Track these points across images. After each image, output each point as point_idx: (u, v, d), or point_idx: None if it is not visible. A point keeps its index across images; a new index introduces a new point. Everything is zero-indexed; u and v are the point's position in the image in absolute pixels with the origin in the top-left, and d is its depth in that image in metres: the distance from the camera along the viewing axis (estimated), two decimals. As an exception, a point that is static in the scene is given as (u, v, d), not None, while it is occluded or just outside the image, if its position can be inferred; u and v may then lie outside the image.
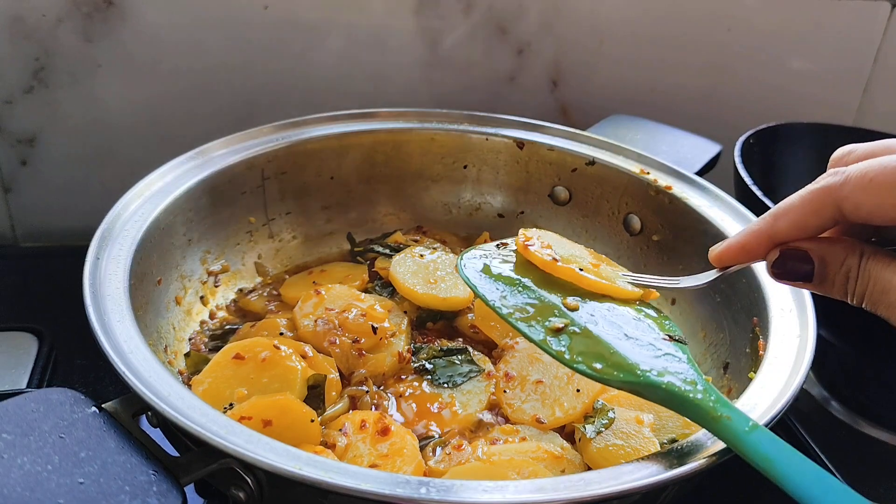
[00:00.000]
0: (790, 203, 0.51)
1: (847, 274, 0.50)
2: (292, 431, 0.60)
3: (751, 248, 0.54)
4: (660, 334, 0.58)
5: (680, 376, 0.53)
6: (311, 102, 1.04)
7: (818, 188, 0.49)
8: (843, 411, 0.86)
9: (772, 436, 0.48)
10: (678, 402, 0.52)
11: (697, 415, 0.51)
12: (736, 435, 0.48)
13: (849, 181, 0.48)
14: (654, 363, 0.54)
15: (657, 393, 0.52)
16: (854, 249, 0.50)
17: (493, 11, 1.06)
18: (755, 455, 0.47)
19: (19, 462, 0.45)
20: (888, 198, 0.46)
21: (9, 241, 1.06)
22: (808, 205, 0.50)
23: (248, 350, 0.66)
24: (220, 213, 0.82)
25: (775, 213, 0.52)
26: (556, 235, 0.70)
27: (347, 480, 0.46)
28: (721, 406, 0.50)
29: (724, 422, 0.49)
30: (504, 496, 0.47)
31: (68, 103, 0.99)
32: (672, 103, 1.15)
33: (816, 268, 0.51)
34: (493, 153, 0.94)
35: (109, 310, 0.59)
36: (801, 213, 0.51)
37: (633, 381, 0.53)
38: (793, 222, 0.51)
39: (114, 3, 0.95)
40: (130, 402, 0.52)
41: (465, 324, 0.80)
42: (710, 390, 0.51)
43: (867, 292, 0.50)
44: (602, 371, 0.54)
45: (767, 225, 0.53)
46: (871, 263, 0.49)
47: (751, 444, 0.48)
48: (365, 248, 0.90)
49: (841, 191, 0.48)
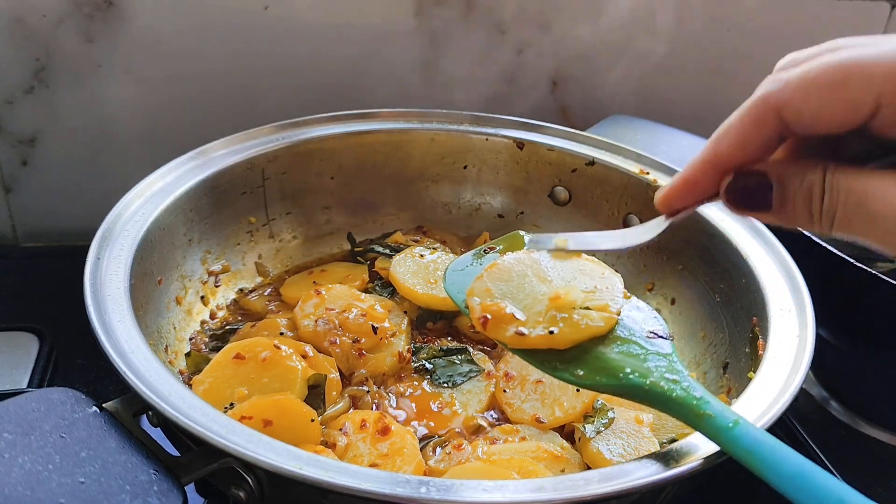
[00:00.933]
0: (729, 121, 0.46)
1: (810, 190, 0.44)
2: (293, 431, 0.60)
3: (695, 179, 0.49)
4: (643, 332, 0.56)
5: (663, 375, 0.52)
6: (312, 103, 1.04)
7: (755, 98, 0.44)
8: (843, 411, 0.86)
9: (756, 431, 0.47)
10: (662, 402, 0.51)
11: (681, 413, 0.50)
12: (719, 431, 0.48)
13: (788, 85, 0.43)
14: (637, 364, 0.53)
15: (640, 394, 0.52)
16: (815, 165, 0.44)
17: (493, 11, 1.06)
18: (737, 450, 0.46)
19: (20, 461, 0.45)
20: (830, 97, 0.41)
21: (9, 241, 1.06)
22: (747, 118, 0.45)
23: (249, 350, 0.66)
24: (221, 213, 0.82)
25: (715, 137, 0.47)
26: (520, 259, 0.62)
27: (348, 480, 0.46)
28: (703, 404, 0.49)
29: (706, 419, 0.48)
30: (504, 495, 0.47)
31: (69, 104, 1.00)
32: (672, 103, 1.16)
33: (774, 189, 0.45)
34: (493, 153, 0.94)
35: (110, 310, 0.59)
36: (740, 129, 0.45)
37: (615, 384, 0.52)
38: (734, 140, 0.46)
39: (114, 3, 0.95)
40: (131, 401, 0.52)
41: (465, 324, 0.80)
42: (694, 387, 0.51)
43: (837, 209, 0.43)
44: (584, 377, 0.53)
45: (708, 150, 0.47)
46: (838, 176, 0.43)
47: (733, 439, 0.47)
48: (365, 248, 0.90)
49: (780, 96, 0.43)
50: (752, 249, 0.74)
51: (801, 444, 0.80)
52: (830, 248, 0.72)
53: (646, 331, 0.56)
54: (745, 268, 0.73)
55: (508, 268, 0.61)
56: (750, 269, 0.72)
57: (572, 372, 0.54)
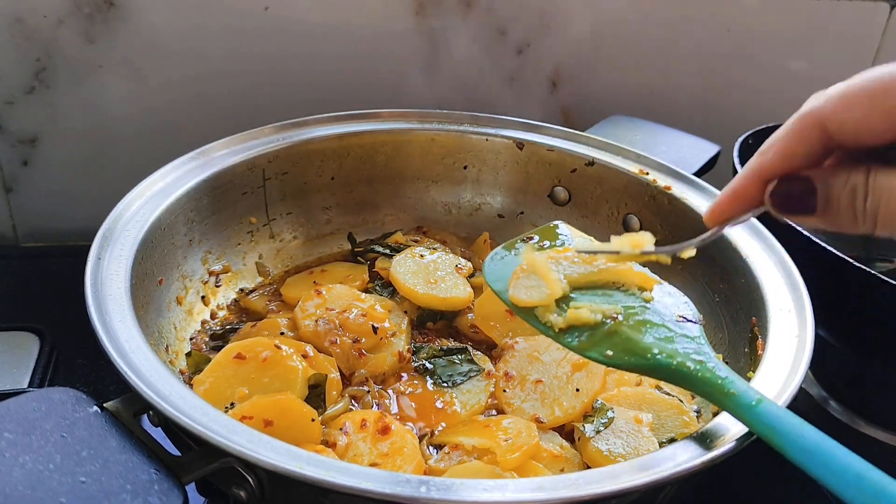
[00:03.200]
0: (775, 136, 0.49)
1: (853, 191, 0.46)
2: (293, 431, 0.60)
3: (742, 190, 0.51)
4: (673, 316, 0.59)
5: (690, 356, 0.54)
6: (312, 103, 1.04)
7: (801, 113, 0.47)
8: (842, 411, 0.86)
9: (777, 409, 0.49)
10: (688, 381, 0.53)
11: (707, 391, 0.52)
12: (743, 409, 0.50)
13: (830, 98, 0.46)
14: (665, 345, 0.55)
15: (668, 373, 0.54)
16: (858, 168, 0.46)
17: (492, 12, 1.06)
18: (760, 426, 0.49)
19: (21, 461, 0.46)
20: (871, 107, 0.44)
21: (10, 241, 1.07)
22: (792, 132, 0.47)
23: (250, 350, 0.67)
24: (222, 214, 0.82)
25: (761, 150, 0.49)
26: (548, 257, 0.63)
27: (348, 479, 0.46)
28: (728, 383, 0.51)
29: (731, 398, 0.51)
30: (504, 495, 0.47)
31: (69, 104, 1.00)
32: (671, 104, 1.16)
33: (819, 192, 0.47)
34: (493, 154, 0.94)
35: (111, 309, 0.59)
36: (786, 142, 0.48)
37: (643, 363, 0.54)
38: (779, 152, 0.48)
39: (115, 3, 0.95)
40: (132, 401, 0.53)
41: (465, 324, 0.80)
42: (720, 368, 0.53)
43: (880, 208, 0.45)
44: (613, 357, 0.55)
45: (755, 163, 0.50)
46: (881, 176, 0.45)
47: (756, 416, 0.49)
48: (365, 248, 0.91)
49: (823, 110, 0.46)
50: (751, 249, 0.74)
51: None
52: (830, 248, 0.72)
53: (676, 315, 0.59)
54: (744, 268, 0.73)
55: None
56: (749, 269, 0.72)
57: (601, 352, 0.56)
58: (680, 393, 0.71)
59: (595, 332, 0.57)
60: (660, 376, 0.56)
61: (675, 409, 0.68)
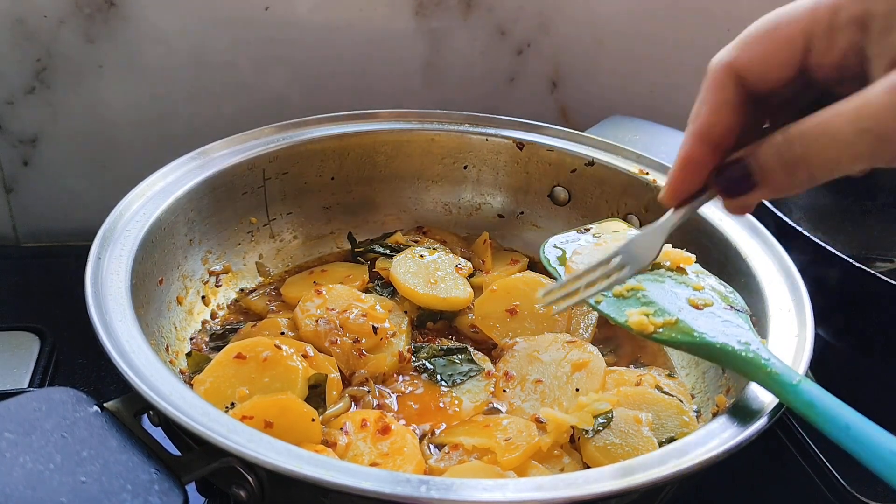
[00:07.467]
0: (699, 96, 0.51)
1: (778, 151, 0.47)
2: (293, 431, 0.60)
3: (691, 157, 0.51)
4: (722, 304, 0.62)
5: (735, 338, 0.57)
6: (312, 103, 1.04)
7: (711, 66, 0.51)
8: (842, 411, 0.86)
9: (816, 388, 0.51)
10: (732, 360, 0.57)
11: (749, 371, 0.55)
12: (784, 387, 0.53)
13: (734, 46, 0.50)
14: (712, 326, 0.59)
15: (713, 352, 0.58)
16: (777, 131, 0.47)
17: (492, 12, 1.06)
18: (799, 403, 0.51)
19: (21, 461, 0.46)
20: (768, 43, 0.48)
21: (10, 241, 1.07)
22: (712, 86, 0.50)
23: (250, 350, 0.67)
24: (222, 214, 0.82)
25: (692, 118, 0.52)
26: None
27: (348, 479, 0.46)
28: (770, 363, 0.54)
29: (773, 376, 0.54)
30: (504, 494, 0.47)
31: (70, 104, 1.00)
32: (671, 104, 1.15)
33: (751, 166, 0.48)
34: (493, 154, 0.94)
35: (111, 309, 0.59)
36: (707, 97, 0.50)
37: (689, 341, 0.58)
38: (707, 108, 0.50)
39: (115, 4, 0.95)
40: (132, 401, 0.53)
41: (465, 324, 0.80)
42: (762, 350, 0.56)
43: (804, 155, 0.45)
44: (662, 333, 0.59)
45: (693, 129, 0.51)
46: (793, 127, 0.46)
47: (796, 394, 0.52)
48: (365, 248, 0.91)
49: (729, 57, 0.50)
50: (750, 249, 0.74)
51: (801, 443, 0.80)
52: (830, 248, 0.72)
53: (724, 304, 0.62)
54: (744, 267, 0.73)
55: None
56: (749, 268, 0.72)
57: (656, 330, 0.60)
58: (680, 393, 0.71)
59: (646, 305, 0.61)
60: (704, 355, 0.59)
61: (674, 409, 0.68)
